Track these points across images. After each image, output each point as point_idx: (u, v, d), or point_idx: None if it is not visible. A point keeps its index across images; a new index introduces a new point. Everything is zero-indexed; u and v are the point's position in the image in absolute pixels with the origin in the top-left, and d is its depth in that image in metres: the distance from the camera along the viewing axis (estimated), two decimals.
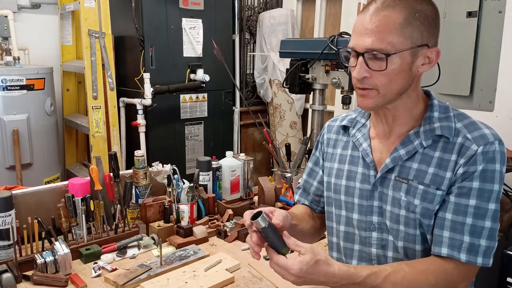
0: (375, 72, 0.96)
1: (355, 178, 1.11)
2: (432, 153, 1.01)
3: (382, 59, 0.94)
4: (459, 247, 0.96)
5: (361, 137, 1.12)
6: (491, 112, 2.45)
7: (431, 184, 0.99)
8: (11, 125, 2.69)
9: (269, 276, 1.41)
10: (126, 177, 1.76)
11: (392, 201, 1.04)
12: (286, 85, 2.23)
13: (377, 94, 0.99)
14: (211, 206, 1.86)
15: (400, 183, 1.03)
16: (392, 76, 0.96)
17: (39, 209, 1.57)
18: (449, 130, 1.00)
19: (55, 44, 3.39)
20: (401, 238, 1.04)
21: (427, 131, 1.01)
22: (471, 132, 0.99)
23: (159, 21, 3.09)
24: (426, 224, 1.00)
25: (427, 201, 0.99)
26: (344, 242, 1.15)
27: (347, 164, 1.14)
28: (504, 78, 2.39)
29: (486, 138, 0.97)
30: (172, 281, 1.35)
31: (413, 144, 1.02)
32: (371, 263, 1.09)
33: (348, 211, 1.13)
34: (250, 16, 3.93)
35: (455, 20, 2.54)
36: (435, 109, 1.04)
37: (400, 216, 1.03)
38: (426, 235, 1.01)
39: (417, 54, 0.97)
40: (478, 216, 0.95)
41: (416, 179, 1.01)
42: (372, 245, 1.09)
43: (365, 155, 1.09)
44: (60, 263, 1.38)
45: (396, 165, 1.04)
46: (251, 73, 4.06)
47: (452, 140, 0.99)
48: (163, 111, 3.20)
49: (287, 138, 3.79)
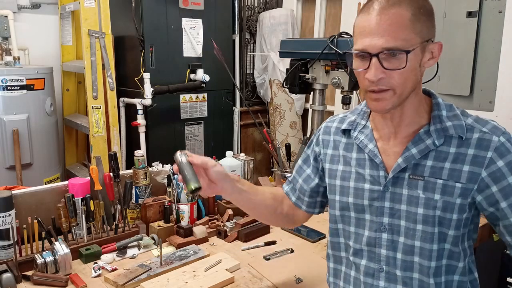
0: (390, 71, 0.94)
1: (364, 180, 1.10)
2: (447, 150, 1.00)
3: (398, 57, 0.93)
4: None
5: (365, 139, 1.11)
6: (491, 112, 2.45)
7: (450, 179, 0.99)
8: (11, 125, 2.69)
9: (269, 276, 1.41)
10: (126, 177, 1.76)
11: (408, 200, 1.03)
12: (286, 85, 2.23)
13: (393, 95, 0.97)
14: (211, 206, 1.86)
15: (416, 181, 1.02)
16: (407, 74, 0.95)
17: (39, 209, 1.57)
18: (461, 128, 1.00)
19: (55, 44, 3.39)
20: (418, 237, 1.03)
21: (439, 130, 1.01)
22: (484, 125, 1.00)
23: (159, 21, 3.09)
24: (447, 219, 1.00)
25: (448, 195, 0.99)
26: (354, 243, 1.14)
27: (354, 166, 1.12)
28: (504, 78, 2.39)
29: (499, 129, 1.00)
30: (172, 281, 1.35)
31: (425, 143, 1.01)
32: (380, 264, 1.09)
33: (358, 212, 1.12)
34: (250, 16, 3.93)
35: (455, 20, 2.54)
36: (442, 107, 1.04)
37: (417, 214, 1.02)
38: (447, 232, 1.01)
39: (425, 49, 0.97)
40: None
41: (433, 175, 1.01)
42: (382, 246, 1.08)
43: (373, 156, 1.08)
44: (60, 263, 1.38)
45: (409, 165, 1.03)
46: (251, 73, 4.06)
47: (466, 136, 0.99)
48: (163, 111, 3.20)
49: (287, 138, 3.79)
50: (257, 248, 1.61)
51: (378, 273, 1.09)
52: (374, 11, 0.94)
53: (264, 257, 1.54)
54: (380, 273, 1.08)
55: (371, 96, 0.99)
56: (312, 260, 1.53)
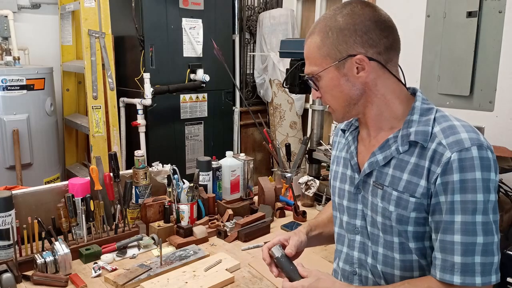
0: (322, 91, 1.04)
1: (345, 180, 1.12)
2: (408, 159, 0.97)
3: (315, 80, 1.03)
4: (451, 269, 0.89)
5: (351, 140, 1.13)
6: (491, 112, 2.45)
7: (405, 192, 0.95)
8: (11, 125, 2.69)
9: (269, 276, 1.41)
10: (126, 177, 1.76)
11: (371, 206, 1.03)
12: (286, 85, 2.23)
13: (333, 110, 1.06)
14: (211, 206, 1.86)
15: (376, 189, 1.01)
16: (330, 92, 1.02)
17: (39, 209, 1.57)
18: (423, 135, 0.94)
19: (55, 44, 3.39)
20: (381, 244, 1.02)
21: (404, 136, 0.98)
22: (447, 137, 0.91)
23: (159, 21, 3.09)
24: (403, 231, 0.97)
25: (401, 208, 0.96)
26: (336, 244, 1.17)
27: (341, 166, 1.15)
28: (504, 78, 2.39)
29: (461, 144, 0.89)
30: (172, 281, 1.35)
31: (390, 149, 0.99)
32: (353, 267, 1.09)
33: (340, 213, 1.14)
34: (250, 16, 3.93)
35: (455, 20, 2.54)
36: (415, 111, 0.99)
37: (377, 222, 1.02)
38: (408, 243, 0.98)
39: (344, 66, 0.98)
40: (467, 232, 0.88)
41: (391, 185, 0.98)
42: (355, 248, 1.09)
43: (351, 158, 1.10)
44: (60, 263, 1.38)
45: (374, 170, 1.02)
46: (251, 73, 4.06)
47: (427, 145, 0.93)
48: (163, 111, 3.20)
49: (287, 138, 3.79)
50: (257, 248, 1.61)
51: (352, 276, 1.10)
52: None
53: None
54: (354, 276, 1.09)
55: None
56: (312, 260, 1.53)
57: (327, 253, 1.58)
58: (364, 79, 0.99)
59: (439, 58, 2.65)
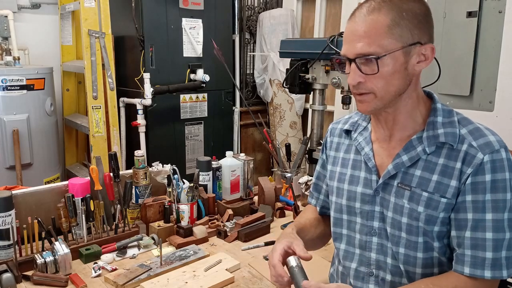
0: (369, 76, 0.96)
1: (357, 182, 1.10)
2: (436, 160, 0.98)
3: (373, 62, 0.94)
4: (482, 265, 0.93)
5: (363, 141, 1.11)
6: (491, 112, 2.45)
7: (435, 192, 0.97)
8: (11, 125, 2.69)
9: (269, 276, 1.41)
10: (126, 177, 1.76)
11: (394, 207, 1.03)
12: (286, 85, 2.23)
13: (374, 98, 0.98)
14: (211, 206, 1.86)
15: (403, 190, 1.01)
16: (387, 78, 0.95)
17: (39, 209, 1.57)
18: (453, 137, 0.97)
19: (55, 44, 3.39)
20: (402, 244, 1.03)
21: (431, 137, 0.99)
22: (476, 139, 0.95)
23: (159, 21, 3.09)
24: (430, 231, 0.99)
25: (431, 208, 0.98)
26: (341, 244, 1.16)
27: (349, 168, 1.13)
28: (504, 78, 2.39)
29: (491, 146, 0.94)
30: (172, 281, 1.35)
31: (416, 150, 1.00)
32: (370, 268, 1.09)
33: (350, 215, 1.12)
34: (250, 16, 3.93)
35: (455, 20, 2.54)
36: (439, 113, 1.01)
37: (402, 223, 1.02)
38: (432, 242, 1.00)
39: (410, 53, 0.95)
40: (498, 229, 0.93)
41: (420, 186, 0.99)
42: (372, 250, 1.08)
43: (367, 160, 1.08)
44: (60, 263, 1.38)
45: (399, 172, 1.02)
46: (251, 73, 4.06)
47: (457, 147, 0.96)
48: (163, 111, 3.20)
49: (287, 138, 3.79)
50: (257, 248, 1.61)
51: (368, 277, 1.09)
52: (355, 18, 0.97)
53: (264, 257, 1.54)
54: (370, 277, 1.09)
55: (355, 98, 1.02)
56: (312, 260, 1.52)
57: (327, 253, 1.57)
58: (418, 70, 0.98)
59: (439, 58, 2.64)
